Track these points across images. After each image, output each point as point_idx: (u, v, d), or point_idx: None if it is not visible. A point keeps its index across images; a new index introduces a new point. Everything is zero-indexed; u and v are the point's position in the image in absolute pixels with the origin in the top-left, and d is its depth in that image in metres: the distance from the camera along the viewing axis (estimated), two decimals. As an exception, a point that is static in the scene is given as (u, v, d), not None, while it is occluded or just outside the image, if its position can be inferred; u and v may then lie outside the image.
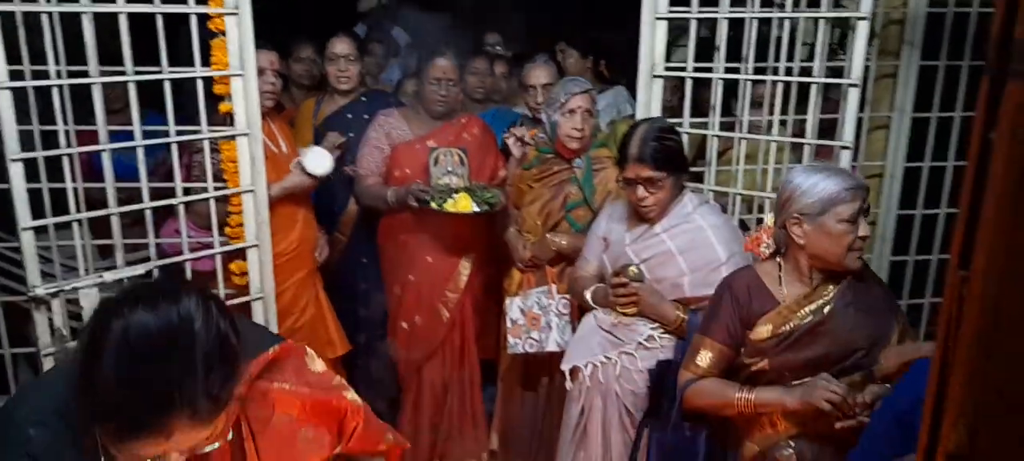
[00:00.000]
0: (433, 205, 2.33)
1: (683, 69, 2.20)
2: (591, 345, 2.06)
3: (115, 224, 1.96)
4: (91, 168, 2.46)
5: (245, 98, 2.10)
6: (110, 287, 1.95)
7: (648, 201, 1.92)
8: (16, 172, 1.75)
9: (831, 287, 1.59)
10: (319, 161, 2.45)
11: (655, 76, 2.17)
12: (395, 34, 3.77)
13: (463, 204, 2.31)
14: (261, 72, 2.30)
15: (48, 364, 1.87)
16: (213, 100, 2.10)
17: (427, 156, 2.47)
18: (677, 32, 2.62)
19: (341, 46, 2.76)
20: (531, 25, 3.91)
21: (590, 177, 2.31)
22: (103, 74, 1.90)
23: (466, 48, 2.65)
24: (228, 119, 2.13)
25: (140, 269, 2.00)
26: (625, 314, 2.00)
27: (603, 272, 2.11)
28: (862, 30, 1.91)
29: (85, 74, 1.88)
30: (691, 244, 1.92)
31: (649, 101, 2.19)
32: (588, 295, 2.10)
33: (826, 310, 1.58)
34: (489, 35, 3.66)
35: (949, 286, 0.59)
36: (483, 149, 2.62)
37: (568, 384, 2.10)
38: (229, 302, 2.19)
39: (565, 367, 2.10)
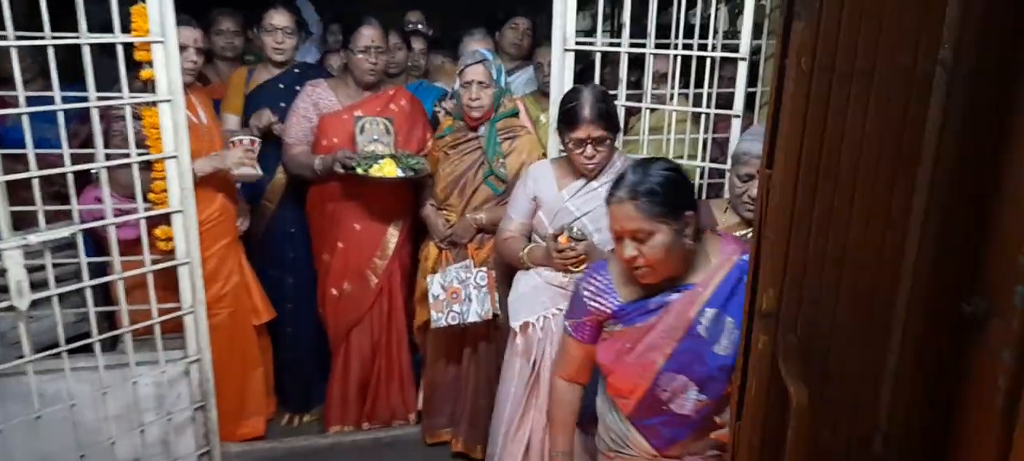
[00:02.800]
0: (359, 171, 2.42)
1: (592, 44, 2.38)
2: (542, 300, 2.21)
3: (36, 188, 1.96)
4: (1, 140, 2.43)
5: (166, 65, 2.14)
6: (34, 250, 1.97)
7: (596, 159, 2.10)
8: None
9: None
10: (242, 166, 2.50)
11: (566, 50, 2.33)
12: (305, 15, 3.78)
13: (388, 169, 2.41)
14: (184, 48, 2.33)
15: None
16: (132, 69, 2.12)
17: (353, 125, 2.55)
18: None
19: (280, 18, 2.79)
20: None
21: (493, 142, 2.46)
22: (19, 39, 1.90)
23: (385, 24, 2.72)
24: (149, 86, 2.16)
25: (64, 231, 2.01)
26: (576, 272, 2.12)
27: (533, 231, 2.27)
28: (748, 9, 2.12)
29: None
30: None
31: (562, 73, 2.35)
32: (523, 255, 2.24)
33: None
34: (410, 13, 3.74)
35: (759, 184, 0.75)
36: (411, 120, 2.72)
37: (517, 340, 2.24)
38: (156, 268, 2.23)
39: (515, 324, 2.24)
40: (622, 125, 2.39)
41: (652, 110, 2.40)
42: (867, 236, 0.71)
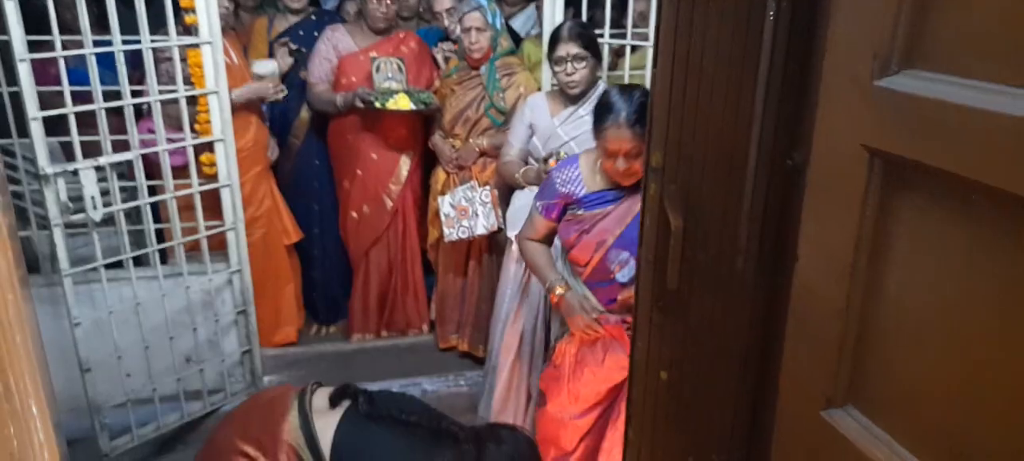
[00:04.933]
0: (376, 105, 2.75)
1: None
2: None
3: (102, 120, 2.31)
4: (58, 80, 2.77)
5: (207, 11, 2.46)
6: (103, 170, 2.32)
7: (575, 76, 2.41)
8: (24, 71, 2.09)
9: None
10: (264, 64, 2.85)
11: (557, -7, 2.63)
12: None
13: (402, 103, 2.74)
14: (216, -3, 2.64)
15: (58, 234, 2.25)
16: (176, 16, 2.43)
17: (370, 65, 2.87)
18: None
19: None
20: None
21: (493, 79, 2.77)
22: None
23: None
24: (193, 30, 2.49)
25: (128, 155, 2.37)
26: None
27: (529, 155, 2.60)
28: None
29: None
30: None
31: (553, 14, 2.65)
32: (519, 176, 2.58)
33: None
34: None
35: (652, 82, 1.08)
36: (419, 61, 3.03)
37: (512, 247, 2.59)
38: (202, 189, 2.59)
39: (511, 233, 2.60)
40: (607, 62, 2.69)
41: (634, 48, 2.69)
42: (724, 114, 1.03)
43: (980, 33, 0.70)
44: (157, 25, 2.42)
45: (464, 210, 2.86)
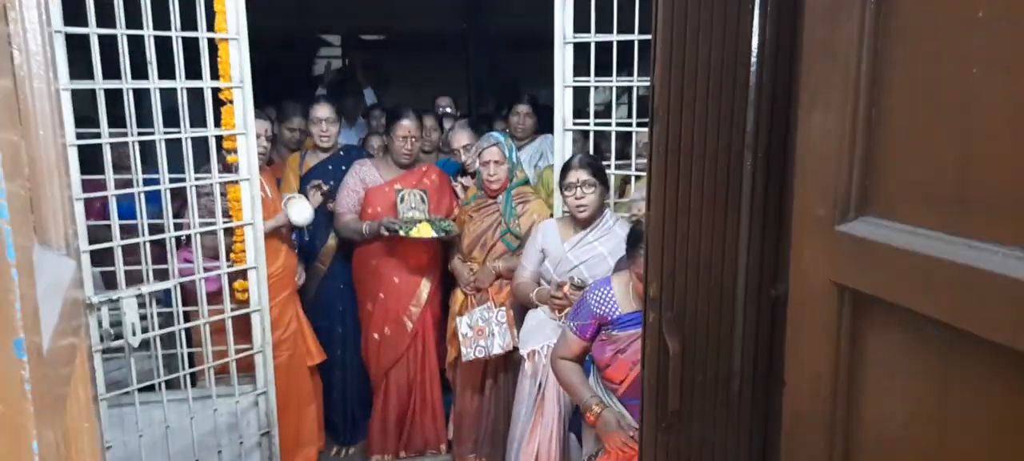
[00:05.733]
0: (401, 233, 2.93)
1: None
2: (545, 332, 2.67)
3: (145, 249, 2.49)
4: (102, 213, 3.00)
5: (247, 152, 2.68)
6: (143, 298, 2.48)
7: (584, 200, 2.58)
8: (79, 209, 2.29)
9: None
10: (301, 212, 3.03)
11: (566, 130, 2.84)
12: (366, 93, 4.41)
13: (425, 231, 2.91)
14: (256, 137, 2.89)
15: (98, 360, 2.38)
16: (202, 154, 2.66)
17: (395, 196, 3.07)
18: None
19: (323, 111, 3.37)
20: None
21: (510, 207, 2.95)
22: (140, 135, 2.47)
23: (420, 109, 3.28)
24: (234, 168, 2.71)
25: (167, 284, 2.53)
26: (558, 319, 2.59)
27: (541, 278, 2.74)
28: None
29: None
30: (616, 248, 2.55)
31: (563, 148, 2.85)
32: (533, 296, 2.72)
33: None
34: (440, 98, 4.33)
35: (646, 222, 1.21)
36: (440, 192, 3.24)
37: (525, 365, 2.68)
38: (234, 314, 2.73)
39: (524, 351, 2.70)
40: (615, 190, 2.86)
41: (639, 177, 2.86)
42: (712, 250, 1.15)
43: (918, 185, 0.83)
44: (198, 163, 2.64)
45: (481, 330, 2.96)
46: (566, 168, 2.62)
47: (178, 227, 2.62)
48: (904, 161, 0.85)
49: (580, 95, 2.88)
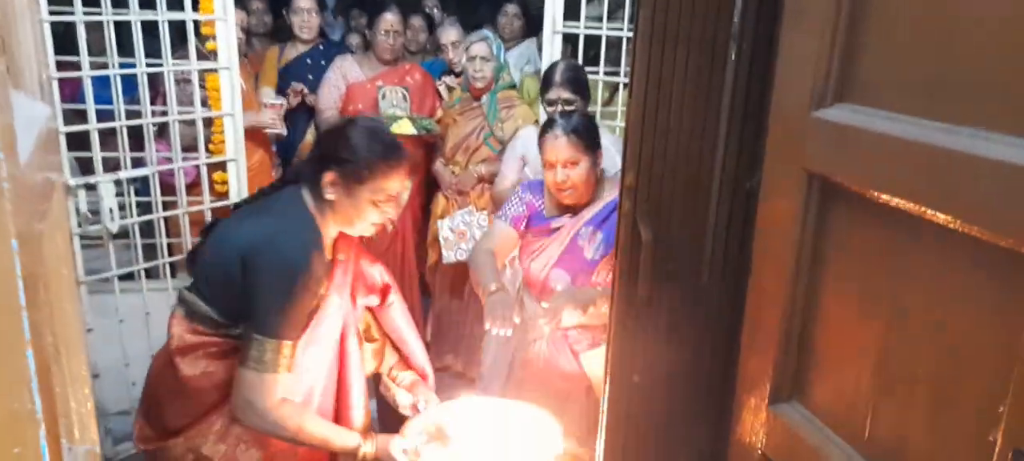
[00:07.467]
0: (380, 130, 2.90)
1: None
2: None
3: (122, 135, 2.45)
4: (76, 100, 2.94)
5: (227, 38, 2.61)
6: (120, 184, 2.46)
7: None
8: (54, 90, 2.23)
9: None
10: (273, 98, 3.01)
11: (555, 33, 2.79)
12: None
13: (405, 127, 2.89)
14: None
15: (77, 245, 2.38)
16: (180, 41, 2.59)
17: (376, 93, 3.02)
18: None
19: (305, 0, 3.27)
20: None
21: (494, 110, 2.92)
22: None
23: (406, 7, 3.19)
24: (212, 56, 2.64)
25: (146, 171, 2.50)
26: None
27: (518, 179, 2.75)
28: None
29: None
30: None
31: (552, 52, 2.81)
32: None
33: None
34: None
35: (627, 116, 1.21)
36: (423, 91, 3.19)
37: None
38: (213, 207, 2.72)
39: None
40: (602, 97, 2.84)
41: (627, 85, 2.84)
42: (690, 141, 1.16)
43: (897, 72, 0.84)
44: (174, 49, 2.57)
45: (462, 234, 2.98)
46: (548, 82, 2.55)
47: (155, 116, 2.58)
48: (884, 48, 0.86)
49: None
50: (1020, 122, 0.68)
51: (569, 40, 2.94)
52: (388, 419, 2.19)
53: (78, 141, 2.46)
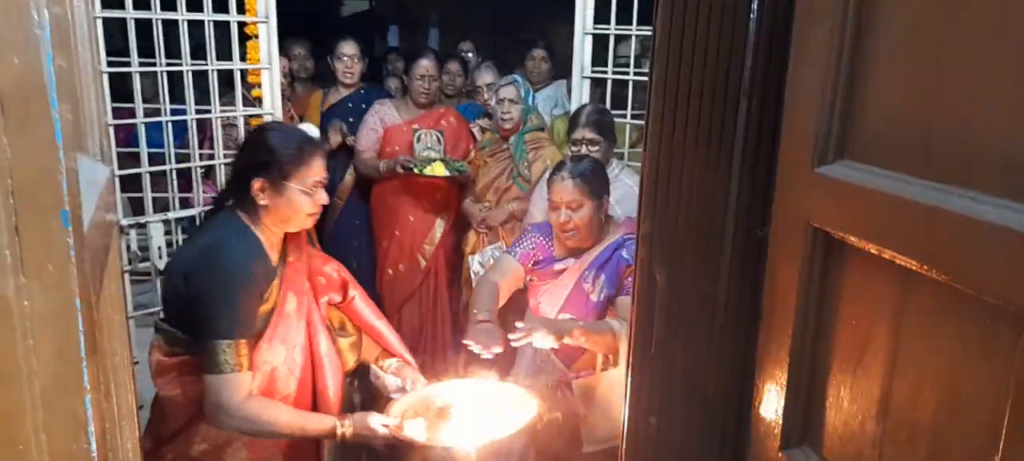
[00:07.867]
0: (415, 170, 3.00)
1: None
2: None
3: (172, 178, 2.59)
4: (127, 141, 3.12)
5: (271, 86, 2.76)
6: (169, 223, 2.59)
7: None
8: (110, 135, 2.39)
9: None
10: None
11: (584, 77, 2.87)
12: (389, 31, 4.46)
13: (438, 169, 2.99)
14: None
15: (126, 281, 2.51)
16: (226, 87, 2.75)
17: (412, 136, 3.13)
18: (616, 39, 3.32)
19: (349, 48, 3.43)
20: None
21: (521, 150, 3.00)
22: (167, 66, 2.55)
23: (443, 54, 3.32)
24: (257, 102, 2.78)
25: (193, 212, 2.64)
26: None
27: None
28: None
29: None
30: (623, 196, 2.60)
31: (580, 95, 2.89)
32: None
33: None
34: (462, 43, 4.35)
35: (643, 163, 1.26)
36: (457, 134, 3.30)
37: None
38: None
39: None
40: (630, 139, 2.89)
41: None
42: (704, 191, 1.21)
43: (893, 131, 0.88)
44: (222, 95, 2.73)
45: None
46: (574, 123, 2.64)
47: (203, 159, 2.72)
48: (881, 107, 0.90)
49: (601, 44, 2.89)
50: (1008, 185, 0.71)
51: (599, 83, 3.02)
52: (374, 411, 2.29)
53: (130, 182, 2.61)
